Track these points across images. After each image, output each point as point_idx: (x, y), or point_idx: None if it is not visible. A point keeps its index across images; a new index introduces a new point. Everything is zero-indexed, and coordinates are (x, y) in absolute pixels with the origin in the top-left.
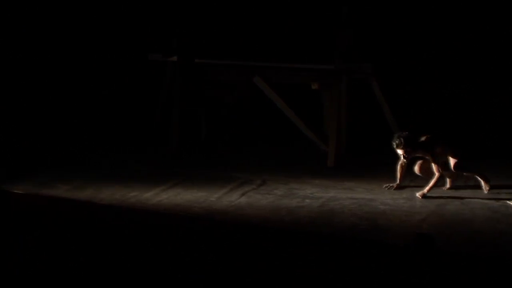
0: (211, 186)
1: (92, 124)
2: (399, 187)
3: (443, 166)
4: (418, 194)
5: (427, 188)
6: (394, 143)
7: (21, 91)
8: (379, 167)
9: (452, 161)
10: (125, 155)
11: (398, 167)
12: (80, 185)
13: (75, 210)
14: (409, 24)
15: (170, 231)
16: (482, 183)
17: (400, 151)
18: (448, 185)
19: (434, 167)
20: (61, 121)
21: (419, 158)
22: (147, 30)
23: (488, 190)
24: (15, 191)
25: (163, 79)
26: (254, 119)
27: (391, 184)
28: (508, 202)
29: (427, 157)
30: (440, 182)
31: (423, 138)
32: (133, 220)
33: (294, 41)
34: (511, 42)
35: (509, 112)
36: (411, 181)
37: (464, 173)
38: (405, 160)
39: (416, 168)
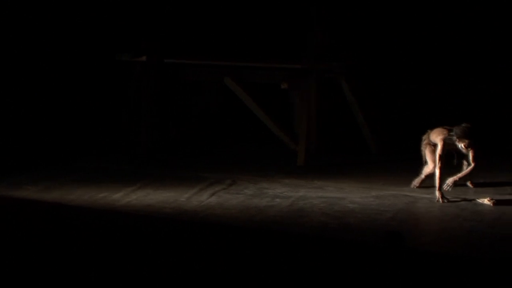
0: (180, 186)
1: (61, 125)
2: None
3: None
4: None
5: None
6: (455, 136)
7: None
8: (349, 166)
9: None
10: (94, 156)
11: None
12: (48, 186)
13: (41, 212)
14: (380, 23)
15: (139, 232)
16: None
17: (461, 144)
18: (418, 183)
19: (472, 158)
20: (30, 123)
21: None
22: (115, 30)
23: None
24: None
25: (131, 80)
26: (224, 119)
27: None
28: (477, 200)
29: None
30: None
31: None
32: (102, 221)
33: (264, 40)
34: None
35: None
36: (383, 184)
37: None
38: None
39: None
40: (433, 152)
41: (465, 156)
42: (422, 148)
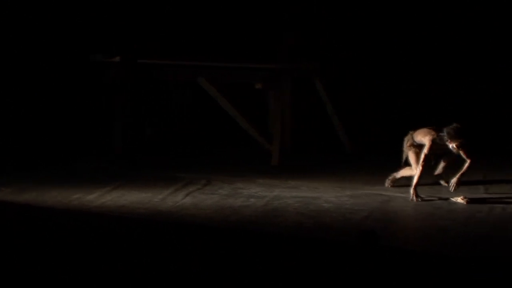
0: (155, 187)
1: (36, 126)
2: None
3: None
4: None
5: (459, 175)
6: (446, 136)
7: None
8: (323, 165)
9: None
10: (68, 157)
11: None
12: (23, 188)
13: (13, 214)
14: (354, 23)
15: (113, 233)
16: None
17: (453, 144)
18: (392, 182)
19: (465, 156)
20: (5, 125)
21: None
22: (88, 30)
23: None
24: None
25: (104, 80)
26: (199, 119)
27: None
28: (451, 198)
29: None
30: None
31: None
32: (76, 223)
33: (238, 41)
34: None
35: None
36: (350, 180)
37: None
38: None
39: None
40: (417, 154)
41: (442, 157)
42: (405, 150)
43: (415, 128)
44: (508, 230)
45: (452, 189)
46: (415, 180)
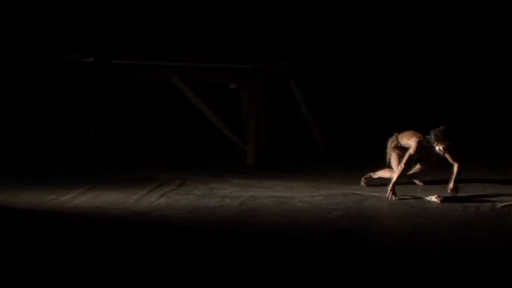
0: (130, 187)
1: (9, 127)
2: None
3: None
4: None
5: (453, 181)
6: (433, 139)
7: None
8: (298, 165)
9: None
10: (41, 158)
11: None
12: None
13: None
14: (328, 22)
15: (87, 234)
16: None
17: (440, 147)
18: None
19: (452, 159)
20: None
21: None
22: (62, 30)
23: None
24: None
25: (78, 81)
26: (173, 119)
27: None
28: (425, 197)
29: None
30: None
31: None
32: (50, 224)
33: (212, 40)
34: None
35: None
36: (325, 180)
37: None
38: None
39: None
40: (400, 156)
41: (421, 161)
42: (388, 151)
43: (400, 130)
44: (481, 229)
45: (454, 195)
46: (394, 179)
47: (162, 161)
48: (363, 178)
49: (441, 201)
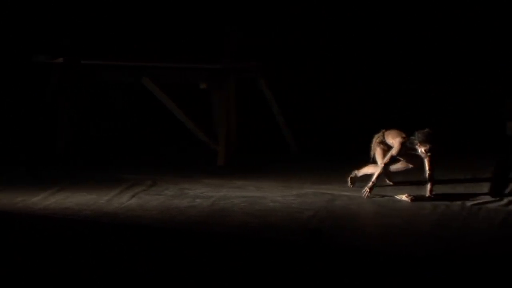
0: (100, 188)
1: None
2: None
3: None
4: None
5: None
6: (416, 140)
7: None
8: (269, 165)
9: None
10: (11, 158)
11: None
12: None
13: None
14: (293, 21)
15: (58, 235)
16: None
17: (422, 149)
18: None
19: (428, 165)
20: None
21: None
22: (31, 31)
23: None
24: None
25: (48, 81)
26: (144, 120)
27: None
28: (395, 196)
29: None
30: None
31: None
32: (20, 225)
33: (182, 40)
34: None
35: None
36: (297, 180)
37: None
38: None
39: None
40: (384, 151)
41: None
42: (373, 146)
43: (387, 128)
44: (451, 228)
45: (429, 195)
46: (373, 178)
47: (133, 162)
48: (348, 178)
49: (412, 200)
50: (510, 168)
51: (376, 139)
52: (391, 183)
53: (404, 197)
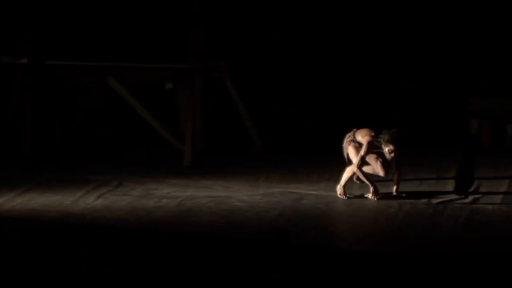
0: (66, 189)
1: None
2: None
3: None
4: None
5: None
6: (383, 140)
7: None
8: (236, 164)
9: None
10: None
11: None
12: None
13: None
14: (263, 21)
15: (23, 237)
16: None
17: (387, 149)
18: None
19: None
20: None
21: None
22: None
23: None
24: None
25: (13, 82)
26: (110, 120)
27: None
28: (364, 195)
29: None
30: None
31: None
32: None
33: (148, 40)
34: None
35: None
36: (264, 179)
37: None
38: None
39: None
40: (357, 149)
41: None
42: (345, 145)
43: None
44: (417, 226)
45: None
46: (344, 178)
47: (99, 162)
48: (339, 194)
49: (378, 198)
50: (474, 166)
51: (347, 139)
52: (357, 181)
53: (370, 196)
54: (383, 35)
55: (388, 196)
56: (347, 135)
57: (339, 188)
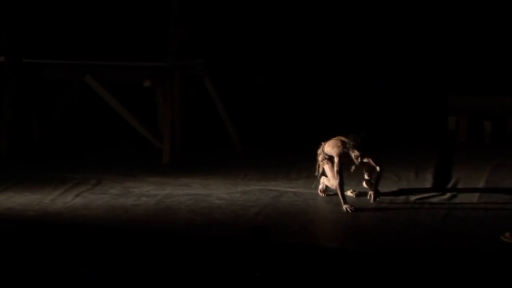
0: (44, 188)
1: None
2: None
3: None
4: (372, 201)
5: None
6: (349, 145)
7: None
8: (214, 162)
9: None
10: None
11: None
12: None
13: None
14: (242, 19)
15: (2, 237)
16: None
17: (353, 154)
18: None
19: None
20: None
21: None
22: None
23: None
24: None
25: None
26: (88, 118)
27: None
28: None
29: (369, 161)
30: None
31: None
32: None
33: (126, 38)
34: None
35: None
36: (243, 177)
37: None
38: (353, 167)
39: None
40: (332, 166)
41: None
42: (320, 163)
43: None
44: (395, 222)
45: (372, 201)
46: (341, 198)
47: (77, 161)
48: (319, 192)
49: (356, 195)
50: (452, 163)
51: (319, 156)
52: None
53: (349, 193)
54: (360, 34)
55: (366, 193)
56: (318, 152)
57: (344, 208)
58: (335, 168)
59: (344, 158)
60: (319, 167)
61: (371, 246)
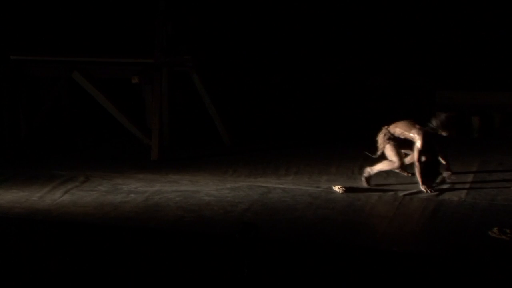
0: (32, 185)
1: None
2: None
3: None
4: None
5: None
6: (436, 126)
7: None
8: (203, 159)
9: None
10: None
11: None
12: None
13: None
14: (230, 16)
15: None
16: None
17: (443, 133)
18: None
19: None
20: None
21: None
22: None
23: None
24: None
25: None
26: (76, 115)
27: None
28: (333, 187)
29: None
30: None
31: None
32: None
33: (114, 34)
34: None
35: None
36: (231, 173)
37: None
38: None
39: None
40: (395, 147)
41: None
42: (380, 145)
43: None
44: (384, 218)
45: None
46: (420, 179)
47: (65, 158)
48: (362, 177)
49: (344, 191)
50: (438, 159)
51: (383, 137)
52: (409, 174)
53: (336, 188)
54: (347, 30)
55: (354, 189)
56: (381, 134)
57: (423, 188)
58: (419, 147)
59: (426, 138)
60: (378, 149)
61: (358, 242)
